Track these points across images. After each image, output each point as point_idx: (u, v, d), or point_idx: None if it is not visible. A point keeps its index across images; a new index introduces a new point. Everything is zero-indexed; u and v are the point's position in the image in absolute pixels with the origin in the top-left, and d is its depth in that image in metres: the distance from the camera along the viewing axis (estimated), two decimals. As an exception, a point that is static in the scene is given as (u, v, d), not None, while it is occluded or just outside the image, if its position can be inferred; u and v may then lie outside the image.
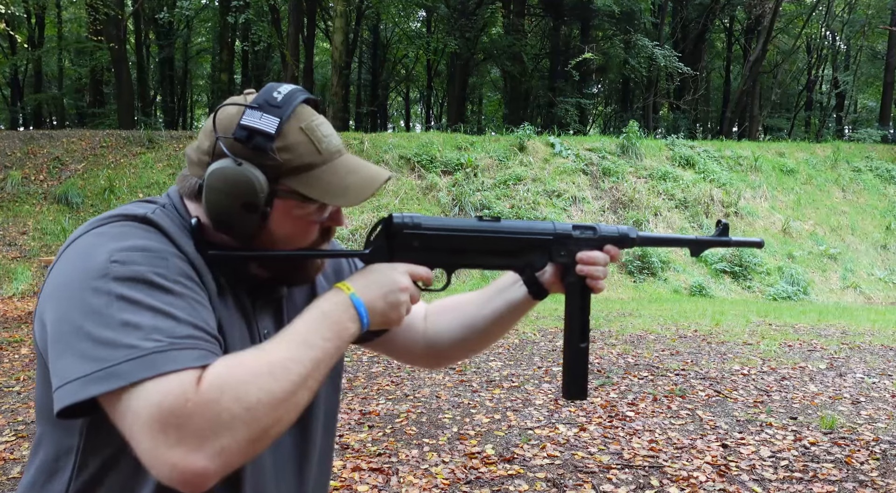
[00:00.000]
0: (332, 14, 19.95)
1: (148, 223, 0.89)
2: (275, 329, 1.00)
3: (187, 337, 0.79)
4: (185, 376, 0.76)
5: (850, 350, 7.27)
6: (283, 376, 0.80)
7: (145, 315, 0.79)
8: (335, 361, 0.89)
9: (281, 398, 0.79)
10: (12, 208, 12.50)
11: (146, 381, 0.74)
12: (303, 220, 0.98)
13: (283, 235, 0.97)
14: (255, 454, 0.80)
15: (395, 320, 0.98)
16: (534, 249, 1.09)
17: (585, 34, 23.29)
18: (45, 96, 25.19)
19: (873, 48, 28.09)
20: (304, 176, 0.94)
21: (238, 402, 0.75)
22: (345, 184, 0.96)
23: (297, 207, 0.96)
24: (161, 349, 0.77)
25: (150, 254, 0.85)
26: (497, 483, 3.65)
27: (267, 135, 0.92)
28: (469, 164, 14.71)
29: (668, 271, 13.06)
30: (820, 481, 3.73)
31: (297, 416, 0.83)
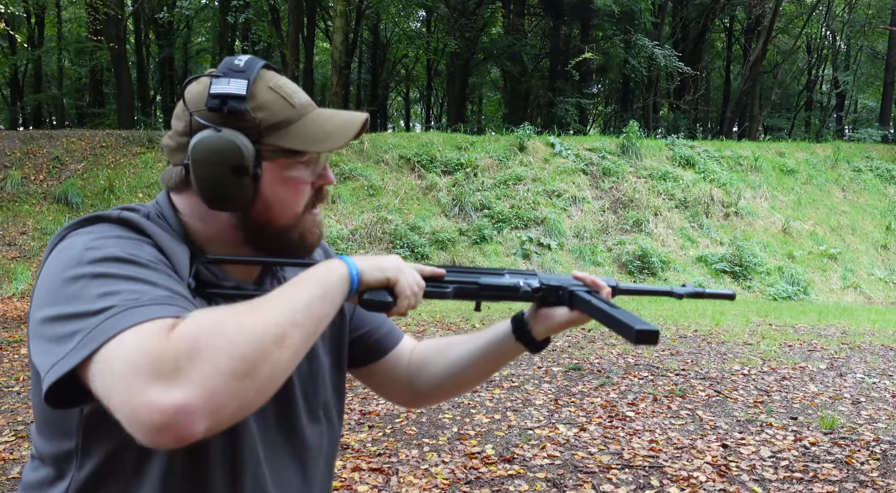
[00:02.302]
0: (332, 14, 19.95)
1: (121, 222, 0.89)
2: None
3: (166, 297, 0.77)
4: (161, 322, 0.72)
5: (851, 350, 7.27)
6: (267, 310, 0.76)
7: (121, 284, 0.77)
8: (327, 307, 0.83)
9: (264, 331, 0.73)
10: (12, 208, 12.50)
11: (122, 332, 0.71)
12: (293, 180, 0.97)
13: (276, 199, 0.96)
14: (248, 400, 0.72)
15: (393, 271, 0.92)
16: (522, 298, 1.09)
17: (585, 34, 23.29)
18: (45, 96, 25.19)
19: (873, 48, 28.08)
20: (284, 131, 0.95)
21: (217, 335, 0.70)
22: (325, 130, 0.96)
23: (286, 166, 0.96)
24: (139, 304, 0.74)
25: (124, 240, 0.85)
26: (497, 483, 3.65)
27: (239, 97, 0.92)
28: (469, 164, 14.71)
29: (668, 271, 13.06)
30: (820, 481, 3.73)
31: (290, 356, 0.76)
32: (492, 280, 1.05)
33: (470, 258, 12.64)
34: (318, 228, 1.02)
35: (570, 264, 12.93)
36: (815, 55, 29.33)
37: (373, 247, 12.58)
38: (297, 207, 0.98)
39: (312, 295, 0.81)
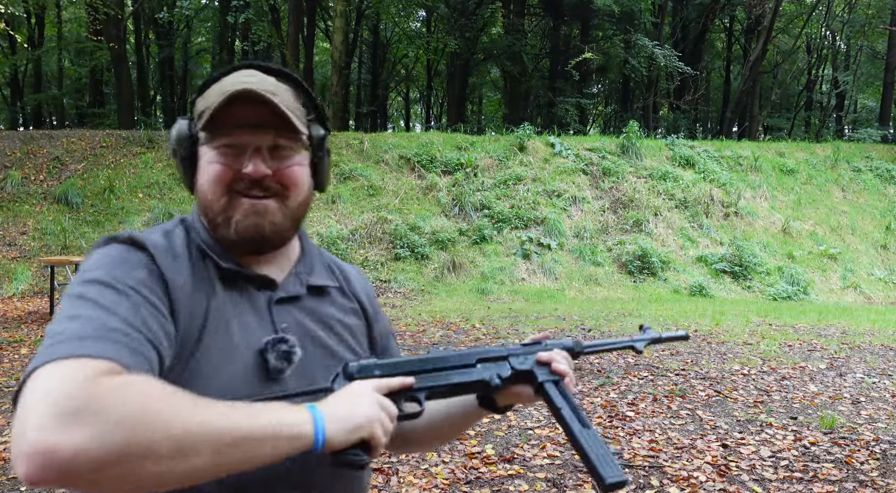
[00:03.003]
0: (332, 14, 19.96)
1: (130, 243, 0.93)
2: (295, 326, 1.01)
3: (114, 330, 0.79)
4: (94, 364, 0.73)
5: (850, 350, 7.27)
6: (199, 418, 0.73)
7: (87, 308, 0.82)
8: (262, 453, 0.78)
9: (173, 436, 0.71)
10: (12, 208, 12.50)
11: (56, 361, 0.73)
12: (207, 162, 0.99)
13: (203, 184, 1.00)
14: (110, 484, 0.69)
15: (362, 421, 0.87)
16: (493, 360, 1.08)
17: (585, 34, 23.30)
18: (45, 96, 25.19)
19: (873, 48, 28.08)
20: (204, 116, 0.99)
21: (128, 410, 0.69)
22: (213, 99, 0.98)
23: (211, 150, 0.99)
24: (82, 336, 0.77)
25: (115, 263, 0.89)
26: (497, 483, 3.65)
27: (198, 89, 1.01)
28: (469, 164, 14.71)
29: (668, 271, 13.07)
30: (820, 481, 3.73)
31: (187, 472, 0.73)
32: (463, 379, 1.03)
33: (470, 258, 12.65)
34: (260, 215, 0.99)
35: (569, 264, 12.93)
36: (815, 55, 29.33)
37: (373, 247, 12.59)
38: (212, 189, 0.98)
39: (253, 437, 0.77)
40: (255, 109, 0.96)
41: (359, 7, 23.69)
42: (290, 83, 1.05)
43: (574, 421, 1.02)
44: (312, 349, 1.01)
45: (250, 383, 0.94)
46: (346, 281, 1.15)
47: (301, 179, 1.03)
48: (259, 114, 0.97)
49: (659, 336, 1.25)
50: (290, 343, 0.97)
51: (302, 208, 1.04)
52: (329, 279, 1.12)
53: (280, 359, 0.96)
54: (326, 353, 1.03)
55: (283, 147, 0.99)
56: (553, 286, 12.26)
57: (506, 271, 12.42)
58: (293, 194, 1.02)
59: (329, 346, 1.05)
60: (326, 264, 1.15)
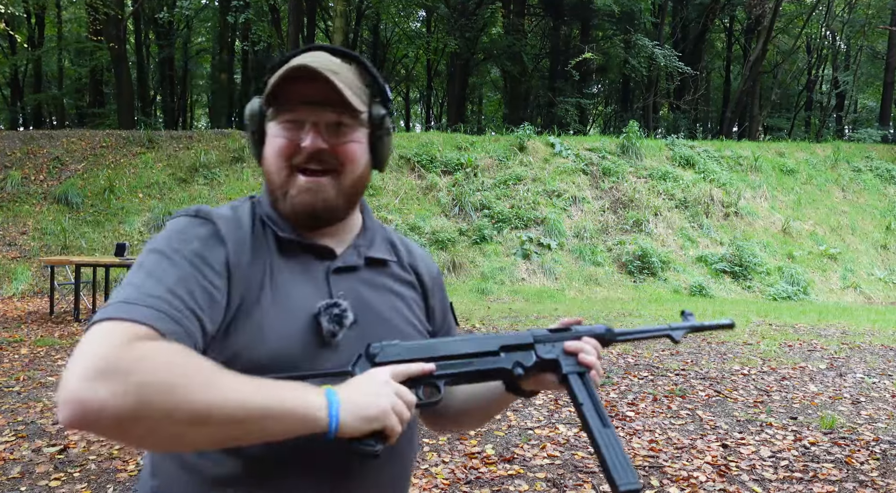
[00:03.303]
0: (332, 14, 19.95)
1: (196, 215, 1.00)
2: (353, 295, 1.04)
3: (158, 298, 0.86)
4: (135, 328, 0.81)
5: (850, 350, 7.27)
6: (219, 389, 0.79)
7: (141, 276, 0.89)
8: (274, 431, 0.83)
9: (194, 404, 0.76)
10: (12, 208, 12.50)
11: (104, 321, 0.81)
12: (274, 137, 1.04)
13: (267, 157, 1.05)
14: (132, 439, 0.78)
15: (377, 413, 0.89)
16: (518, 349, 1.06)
17: (585, 34, 23.30)
18: (45, 96, 25.18)
19: (873, 48, 28.08)
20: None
21: (155, 376, 0.76)
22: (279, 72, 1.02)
23: (277, 125, 1.04)
24: (131, 300, 0.85)
25: (177, 235, 0.96)
26: (497, 483, 3.65)
27: (270, 70, 1.05)
28: (469, 164, 14.71)
29: (668, 271, 13.07)
30: (820, 481, 3.73)
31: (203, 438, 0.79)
32: (485, 366, 1.02)
33: (470, 258, 12.64)
34: (312, 194, 1.03)
35: (569, 264, 12.93)
36: (815, 55, 29.33)
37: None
38: (278, 163, 1.03)
39: (268, 414, 0.81)
40: (315, 86, 1.00)
41: (359, 7, 23.69)
42: (356, 64, 1.10)
43: (594, 418, 1.01)
44: (367, 317, 1.04)
45: (304, 345, 0.98)
46: (408, 254, 1.18)
47: (357, 156, 1.05)
48: (319, 91, 1.00)
49: (700, 324, 1.18)
50: (342, 308, 1.00)
51: (358, 186, 1.07)
52: (388, 253, 1.14)
53: (332, 322, 0.98)
54: (380, 321, 1.06)
55: (342, 124, 1.03)
56: (553, 286, 12.26)
57: (506, 271, 12.42)
58: (348, 170, 1.05)
59: (383, 314, 1.07)
60: (388, 238, 1.18)
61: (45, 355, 6.55)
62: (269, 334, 0.95)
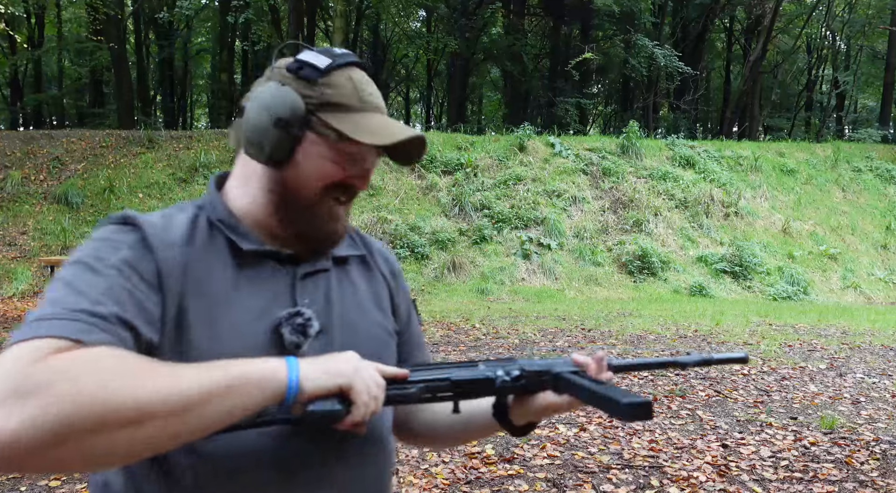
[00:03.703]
0: (332, 14, 19.94)
1: (123, 222, 0.92)
2: (322, 301, 1.00)
3: (79, 311, 0.77)
4: (50, 342, 0.72)
5: (850, 350, 7.27)
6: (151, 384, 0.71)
7: (62, 291, 0.81)
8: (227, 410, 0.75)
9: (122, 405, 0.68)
10: (12, 208, 12.50)
11: (23, 342, 0.73)
12: (328, 161, 0.97)
13: (308, 170, 0.97)
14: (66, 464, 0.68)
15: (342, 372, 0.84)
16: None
17: (585, 34, 23.30)
18: (45, 96, 25.17)
19: (873, 48, 28.07)
20: (343, 115, 0.96)
21: (75, 384, 0.67)
22: (377, 127, 0.97)
23: (330, 146, 0.96)
24: (47, 317, 0.76)
25: (101, 243, 0.88)
26: (497, 483, 3.65)
27: (316, 68, 0.97)
28: (469, 164, 14.71)
29: (669, 271, 13.06)
30: (820, 481, 3.73)
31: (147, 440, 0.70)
32: (464, 375, 0.96)
33: (470, 258, 12.64)
34: (338, 223, 1.01)
35: (569, 264, 12.93)
36: (815, 55, 29.32)
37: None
38: (319, 184, 0.97)
39: (216, 391, 0.74)
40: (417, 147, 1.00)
41: (359, 7, 23.68)
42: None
43: (592, 383, 0.94)
44: (335, 324, 0.99)
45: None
46: (368, 252, 1.14)
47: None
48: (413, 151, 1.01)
49: (710, 358, 1.09)
50: (306, 316, 0.94)
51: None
52: (352, 249, 1.11)
53: (295, 333, 0.93)
54: (349, 327, 1.01)
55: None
56: (553, 286, 12.25)
57: (506, 271, 12.41)
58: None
59: (352, 320, 1.02)
60: (350, 235, 1.13)
61: (45, 355, 6.54)
62: (226, 349, 0.87)
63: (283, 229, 0.99)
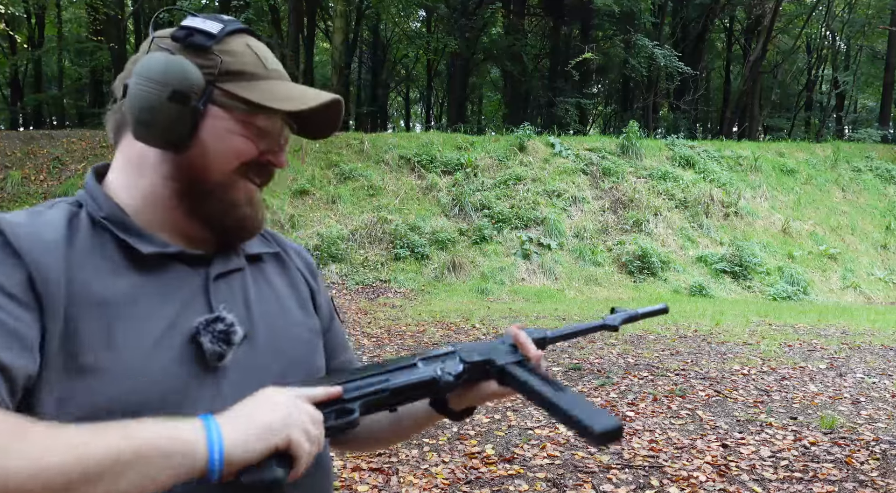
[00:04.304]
0: (332, 14, 19.95)
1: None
2: (241, 304, 0.88)
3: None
4: None
5: (850, 350, 7.28)
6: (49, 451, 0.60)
7: None
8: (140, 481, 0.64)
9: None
10: (12, 208, 12.50)
11: None
12: (239, 135, 0.85)
13: (215, 149, 0.84)
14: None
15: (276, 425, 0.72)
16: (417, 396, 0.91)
17: (585, 34, 23.31)
18: (45, 96, 25.18)
19: (873, 48, 28.07)
20: (247, 83, 0.85)
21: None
22: (290, 93, 0.87)
23: (238, 119, 0.85)
24: None
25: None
26: (497, 483, 3.65)
27: (207, 33, 0.84)
28: (469, 164, 14.71)
29: (668, 271, 13.06)
30: (820, 481, 3.73)
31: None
32: (404, 379, 0.88)
33: (470, 258, 12.64)
34: (253, 206, 0.89)
35: (569, 264, 12.93)
36: (815, 55, 29.33)
37: (373, 247, 12.59)
38: (231, 164, 0.86)
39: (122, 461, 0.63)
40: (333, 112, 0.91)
41: (359, 7, 23.69)
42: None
43: (545, 387, 0.88)
44: (258, 329, 0.88)
45: (181, 376, 0.79)
46: (283, 249, 1.04)
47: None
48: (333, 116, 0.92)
49: (634, 313, 1.08)
50: (227, 321, 0.82)
51: None
52: (265, 246, 1.00)
53: (217, 341, 0.81)
54: (273, 331, 0.90)
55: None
56: (553, 286, 12.26)
57: (506, 271, 12.42)
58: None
59: (275, 322, 0.92)
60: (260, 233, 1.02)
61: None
62: (131, 370, 0.75)
63: (191, 222, 0.87)
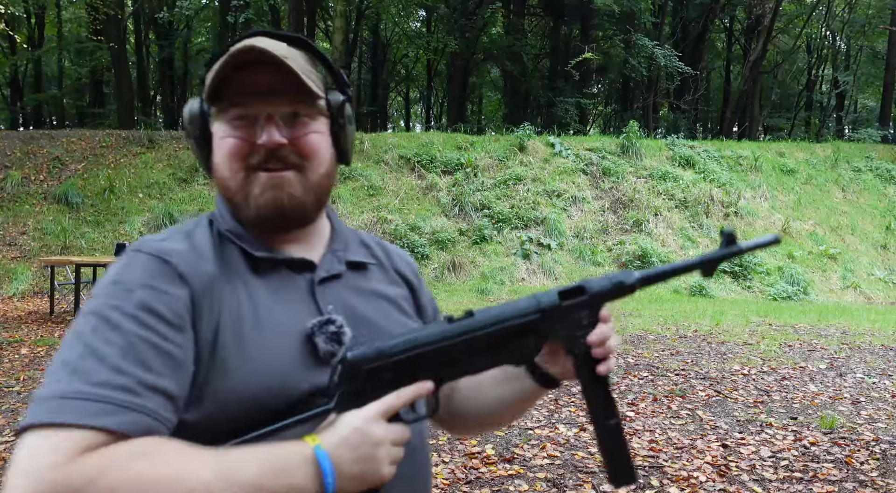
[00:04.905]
0: (332, 14, 19.96)
1: (141, 253, 0.85)
2: (343, 306, 0.95)
3: (100, 383, 0.73)
4: (76, 435, 0.69)
5: (850, 350, 7.27)
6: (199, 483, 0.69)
7: (77, 353, 0.76)
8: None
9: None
10: (12, 208, 12.50)
11: (39, 429, 0.70)
12: (225, 137, 0.91)
13: (218, 161, 0.92)
14: None
15: (375, 480, 0.81)
16: (522, 335, 0.91)
17: (585, 34, 23.30)
18: (45, 96, 25.18)
19: (873, 48, 28.07)
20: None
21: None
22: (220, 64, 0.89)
23: (220, 123, 0.91)
24: (66, 394, 0.72)
25: (117, 287, 0.81)
26: (497, 483, 3.65)
27: (206, 65, 0.94)
28: (469, 164, 14.71)
29: (668, 271, 13.06)
30: (820, 481, 3.73)
31: None
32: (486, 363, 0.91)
33: (470, 258, 12.65)
34: (271, 191, 0.91)
35: (569, 264, 12.93)
36: (815, 55, 29.33)
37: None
38: (233, 166, 0.91)
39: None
40: (265, 73, 0.88)
41: (359, 7, 23.69)
42: (304, 49, 0.97)
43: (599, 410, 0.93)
44: (361, 329, 0.94)
45: (300, 368, 0.87)
46: (386, 255, 1.09)
47: (321, 148, 0.94)
48: (270, 79, 0.88)
49: (739, 247, 0.95)
50: (338, 324, 0.90)
51: (324, 181, 0.95)
52: (366, 256, 1.04)
53: (329, 342, 0.89)
54: (375, 331, 0.96)
55: (299, 115, 0.91)
56: (553, 286, 12.25)
57: (506, 271, 12.42)
58: (313, 165, 0.93)
59: (377, 323, 0.97)
60: (361, 241, 1.07)
61: (45, 355, 6.55)
62: (259, 366, 0.84)
63: (250, 226, 0.94)
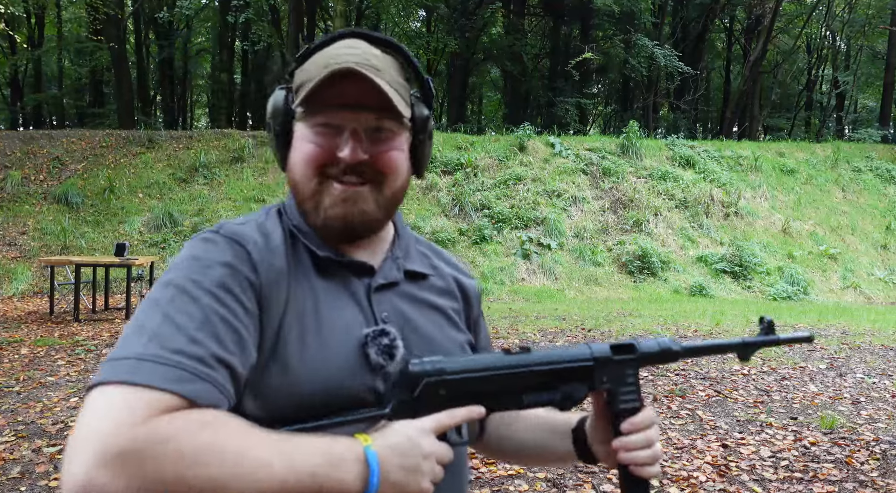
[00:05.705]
0: (332, 14, 19.96)
1: (219, 236, 0.87)
2: (398, 315, 0.95)
3: (177, 352, 0.75)
4: (153, 396, 0.71)
5: (850, 350, 7.27)
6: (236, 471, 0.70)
7: (156, 319, 0.77)
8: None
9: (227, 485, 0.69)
10: (12, 208, 12.50)
11: (114, 385, 0.71)
12: (306, 142, 0.91)
13: (293, 162, 0.93)
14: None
15: (415, 492, 0.82)
16: (573, 379, 0.93)
17: (585, 34, 23.31)
18: (45, 96, 25.17)
19: (873, 48, 28.08)
20: (302, 90, 0.91)
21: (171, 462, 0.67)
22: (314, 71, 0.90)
23: (305, 126, 0.92)
24: (143, 356, 0.73)
25: (197, 262, 0.83)
26: (497, 483, 3.65)
27: (297, 59, 0.94)
28: (469, 164, 14.71)
29: (669, 271, 13.06)
30: (820, 481, 3.73)
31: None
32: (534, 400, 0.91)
33: (470, 258, 12.65)
34: (342, 206, 0.92)
35: (570, 264, 12.93)
36: (815, 55, 29.33)
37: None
38: (306, 170, 0.91)
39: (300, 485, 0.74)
40: (356, 86, 0.88)
41: (359, 7, 23.69)
42: (398, 55, 0.96)
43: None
44: (412, 340, 0.94)
45: (353, 372, 0.88)
46: (446, 264, 1.09)
47: (400, 165, 0.94)
48: (360, 92, 0.88)
49: (777, 338, 1.02)
50: (392, 336, 0.90)
51: (397, 196, 0.96)
52: (424, 266, 1.04)
53: (381, 354, 0.89)
54: (426, 342, 0.96)
55: (383, 129, 0.91)
56: (553, 286, 12.26)
57: (506, 271, 12.42)
58: (390, 181, 0.93)
59: (429, 335, 0.97)
60: (420, 250, 1.07)
61: (45, 355, 6.55)
62: (315, 365, 0.85)
63: (316, 230, 0.95)
